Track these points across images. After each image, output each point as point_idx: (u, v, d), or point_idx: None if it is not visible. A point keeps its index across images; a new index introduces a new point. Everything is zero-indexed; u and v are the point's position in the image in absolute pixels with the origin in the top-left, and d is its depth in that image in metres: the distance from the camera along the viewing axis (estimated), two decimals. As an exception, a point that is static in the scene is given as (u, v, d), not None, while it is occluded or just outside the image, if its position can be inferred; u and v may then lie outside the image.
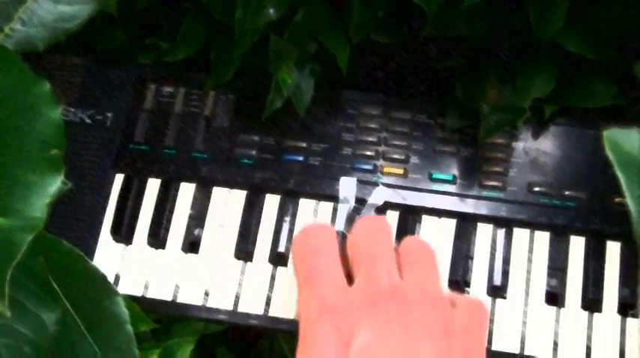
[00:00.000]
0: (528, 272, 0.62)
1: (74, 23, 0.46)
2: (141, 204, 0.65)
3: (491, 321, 0.60)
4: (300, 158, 0.65)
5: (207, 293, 0.62)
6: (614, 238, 0.62)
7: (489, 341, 0.60)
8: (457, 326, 0.47)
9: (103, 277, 0.51)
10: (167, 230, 0.64)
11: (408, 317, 0.45)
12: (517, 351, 0.59)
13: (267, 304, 0.61)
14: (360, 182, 0.63)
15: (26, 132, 0.35)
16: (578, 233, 0.62)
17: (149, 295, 0.62)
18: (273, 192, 0.64)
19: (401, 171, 0.64)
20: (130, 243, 0.64)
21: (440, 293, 0.49)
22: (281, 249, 0.63)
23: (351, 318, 0.46)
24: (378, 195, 0.62)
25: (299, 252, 0.53)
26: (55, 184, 0.35)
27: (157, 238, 0.63)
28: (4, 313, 0.34)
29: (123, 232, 0.63)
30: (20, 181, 0.34)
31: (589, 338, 0.60)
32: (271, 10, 0.60)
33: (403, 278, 0.49)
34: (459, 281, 0.61)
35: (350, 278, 0.51)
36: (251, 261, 0.63)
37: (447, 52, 0.67)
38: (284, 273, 0.62)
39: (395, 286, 0.48)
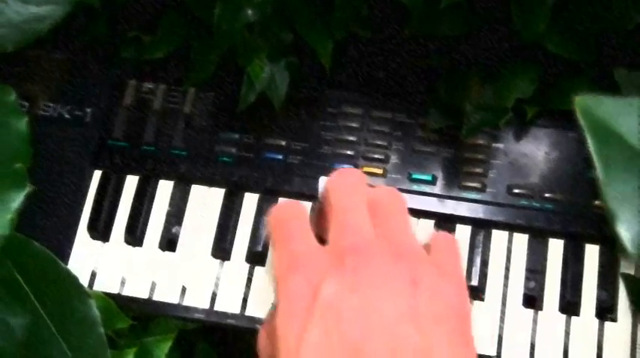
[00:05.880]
0: (506, 274, 0.61)
1: (45, 24, 0.45)
2: (119, 201, 0.64)
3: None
4: (280, 156, 0.64)
5: (183, 292, 0.62)
6: (593, 241, 0.61)
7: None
8: (427, 271, 0.47)
9: (75, 279, 0.51)
10: (145, 227, 0.63)
11: (373, 271, 0.45)
12: (494, 354, 0.59)
13: (244, 303, 0.61)
14: (340, 181, 0.63)
15: (-13, 144, 0.34)
16: (556, 235, 0.62)
17: (125, 293, 0.62)
18: (252, 190, 0.64)
19: (380, 171, 0.63)
20: (107, 241, 0.63)
21: (409, 242, 0.48)
22: (258, 248, 0.62)
23: (320, 272, 0.46)
24: (357, 195, 0.62)
25: (273, 219, 0.52)
26: (19, 200, 0.34)
27: (135, 236, 0.63)
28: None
29: (100, 229, 0.63)
30: (-19, 197, 0.34)
31: (566, 341, 0.59)
32: (250, 12, 0.59)
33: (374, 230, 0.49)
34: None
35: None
36: (228, 259, 0.62)
37: (430, 51, 0.67)
38: (261, 273, 0.62)
39: (363, 240, 0.47)
